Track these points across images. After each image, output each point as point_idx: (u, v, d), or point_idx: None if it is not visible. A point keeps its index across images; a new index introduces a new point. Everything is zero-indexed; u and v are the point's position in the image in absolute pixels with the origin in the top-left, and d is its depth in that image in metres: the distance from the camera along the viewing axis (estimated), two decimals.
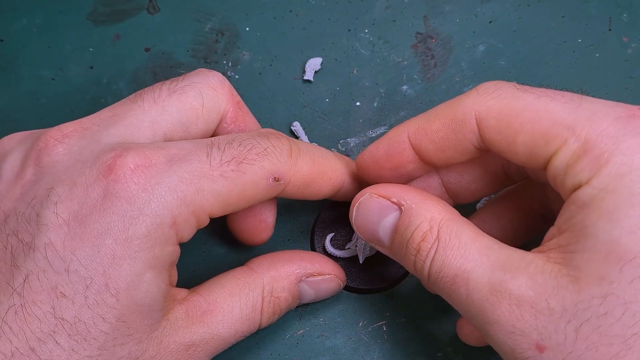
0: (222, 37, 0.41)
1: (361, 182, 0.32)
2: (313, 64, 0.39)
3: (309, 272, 0.31)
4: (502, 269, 0.25)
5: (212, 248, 0.36)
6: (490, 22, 0.41)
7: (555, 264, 0.24)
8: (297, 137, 0.38)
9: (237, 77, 0.40)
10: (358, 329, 0.35)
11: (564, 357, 0.24)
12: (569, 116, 0.25)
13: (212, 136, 0.31)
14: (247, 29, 0.41)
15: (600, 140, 0.24)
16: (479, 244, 0.26)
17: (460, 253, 0.26)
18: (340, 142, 0.38)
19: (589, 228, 0.24)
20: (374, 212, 0.30)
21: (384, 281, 0.35)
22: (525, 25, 0.40)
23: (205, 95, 0.29)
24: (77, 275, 0.24)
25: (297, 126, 0.38)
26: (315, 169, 0.30)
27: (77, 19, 0.41)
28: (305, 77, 0.39)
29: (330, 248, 0.35)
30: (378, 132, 0.38)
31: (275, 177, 0.28)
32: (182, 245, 0.28)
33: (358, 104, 0.39)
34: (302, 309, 0.35)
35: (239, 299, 0.29)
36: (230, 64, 0.40)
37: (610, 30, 0.40)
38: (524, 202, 0.32)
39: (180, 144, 0.27)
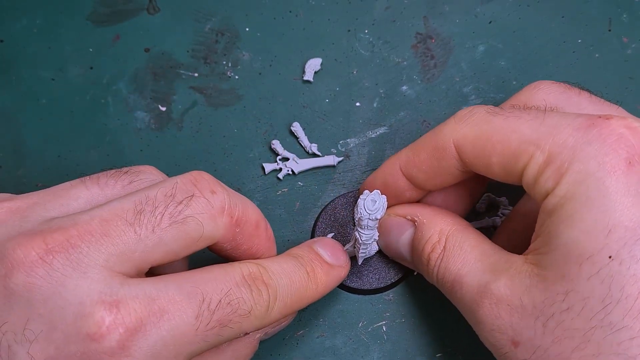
0: (222, 37, 0.41)
1: None
2: (313, 65, 0.39)
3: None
4: (490, 271, 0.28)
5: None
6: (490, 22, 0.41)
7: (530, 264, 0.27)
8: (296, 138, 0.38)
9: (237, 77, 0.40)
10: (358, 329, 0.35)
11: (534, 351, 0.26)
12: (533, 133, 0.27)
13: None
14: (247, 29, 0.41)
15: (561, 151, 0.26)
16: (478, 251, 0.29)
17: (460, 260, 0.29)
18: (340, 142, 0.38)
19: (553, 232, 0.26)
20: (394, 230, 0.33)
21: (384, 282, 0.35)
22: (525, 25, 0.40)
23: (206, 226, 0.27)
24: None
25: (296, 126, 0.38)
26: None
27: (77, 19, 0.41)
28: (305, 78, 0.39)
29: None
30: (378, 133, 0.38)
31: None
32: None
33: (358, 104, 0.39)
34: (302, 310, 0.35)
35: None
36: (230, 64, 0.40)
37: (610, 30, 0.40)
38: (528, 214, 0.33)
39: (170, 295, 0.25)
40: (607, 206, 0.25)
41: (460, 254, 0.29)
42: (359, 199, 0.30)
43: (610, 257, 0.24)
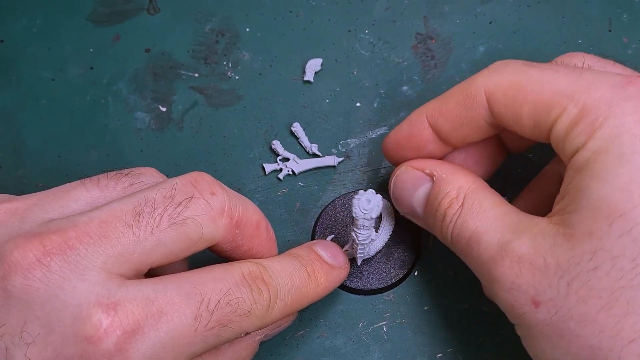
0: (222, 37, 0.41)
1: None
2: (313, 65, 0.39)
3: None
4: (511, 231, 0.27)
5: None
6: (490, 22, 0.41)
7: (555, 224, 0.26)
8: (297, 138, 0.38)
9: (237, 77, 0.40)
10: (358, 329, 0.35)
11: (556, 311, 0.25)
12: (569, 86, 0.26)
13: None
14: (247, 29, 0.41)
15: (597, 105, 0.25)
16: (498, 210, 0.28)
17: (479, 217, 0.28)
18: (341, 142, 0.38)
19: (583, 189, 0.25)
20: (410, 183, 0.32)
21: (384, 283, 0.35)
22: (525, 25, 0.40)
23: (205, 227, 0.27)
24: None
25: (297, 127, 0.38)
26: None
27: (77, 19, 0.41)
28: (305, 78, 0.39)
29: None
30: (378, 133, 0.38)
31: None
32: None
33: (358, 104, 0.39)
34: (302, 310, 0.35)
35: None
36: (230, 65, 0.40)
37: (610, 30, 0.40)
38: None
39: (168, 296, 0.25)
40: None
41: (479, 211, 0.28)
42: (354, 199, 0.30)
43: None
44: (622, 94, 0.25)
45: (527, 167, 0.37)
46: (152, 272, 0.27)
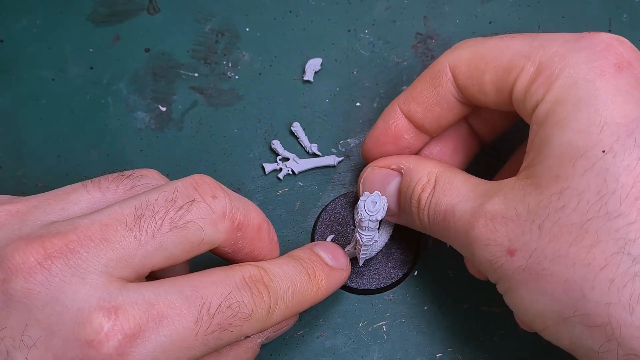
0: (222, 37, 0.41)
1: None
2: (313, 65, 0.39)
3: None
4: (483, 196, 0.28)
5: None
6: (490, 22, 0.41)
7: (524, 179, 0.27)
8: (297, 138, 0.38)
9: (237, 77, 0.40)
10: (358, 329, 0.35)
11: (530, 255, 0.26)
12: (525, 46, 0.28)
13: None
14: (247, 29, 0.41)
15: (551, 60, 0.27)
16: (468, 184, 0.29)
17: (451, 193, 0.29)
18: (340, 142, 0.38)
19: (546, 140, 0.26)
20: (378, 181, 0.33)
21: (384, 282, 0.35)
22: (525, 25, 0.40)
23: (206, 231, 0.27)
24: None
25: (297, 127, 0.38)
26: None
27: (77, 19, 0.41)
28: (305, 78, 0.39)
29: None
30: None
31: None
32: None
33: (358, 104, 0.39)
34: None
35: None
36: (230, 65, 0.40)
37: (610, 30, 0.40)
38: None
39: (169, 300, 0.25)
40: (599, 105, 0.25)
41: (450, 189, 0.29)
42: (360, 201, 0.30)
43: (603, 151, 0.25)
44: (574, 46, 0.27)
45: None
46: (153, 275, 0.27)
